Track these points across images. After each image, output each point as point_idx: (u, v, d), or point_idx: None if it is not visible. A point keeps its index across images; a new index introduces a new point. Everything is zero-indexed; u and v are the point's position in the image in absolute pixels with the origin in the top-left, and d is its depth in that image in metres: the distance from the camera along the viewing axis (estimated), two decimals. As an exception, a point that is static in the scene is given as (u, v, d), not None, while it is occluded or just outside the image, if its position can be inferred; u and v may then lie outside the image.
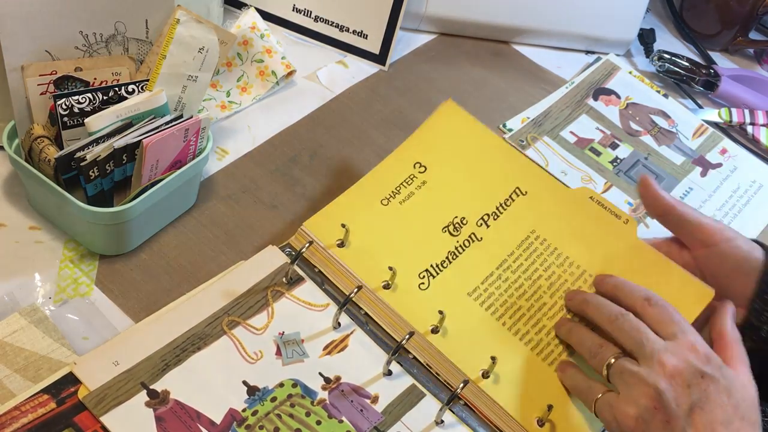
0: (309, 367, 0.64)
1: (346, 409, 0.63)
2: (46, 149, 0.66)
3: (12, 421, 0.55)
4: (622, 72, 1.01)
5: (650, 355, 0.59)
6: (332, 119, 0.88)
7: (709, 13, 1.12)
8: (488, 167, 0.76)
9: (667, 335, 0.61)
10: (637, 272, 0.69)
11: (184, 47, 0.71)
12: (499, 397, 0.64)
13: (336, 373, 0.65)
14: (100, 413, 0.57)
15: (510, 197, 0.74)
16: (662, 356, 0.58)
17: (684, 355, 0.59)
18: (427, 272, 0.70)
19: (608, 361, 0.61)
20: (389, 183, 0.74)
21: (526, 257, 0.72)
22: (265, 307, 0.67)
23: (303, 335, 0.66)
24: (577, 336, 0.66)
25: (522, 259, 0.72)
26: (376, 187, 0.74)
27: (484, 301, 0.69)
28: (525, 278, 0.71)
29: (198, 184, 0.75)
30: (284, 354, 0.65)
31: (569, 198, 0.75)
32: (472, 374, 0.65)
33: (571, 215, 0.74)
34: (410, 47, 0.99)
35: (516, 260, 0.71)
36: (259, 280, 0.68)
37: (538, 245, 0.72)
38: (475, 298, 0.69)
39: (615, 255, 0.72)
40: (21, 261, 0.68)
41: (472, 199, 0.74)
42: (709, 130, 0.97)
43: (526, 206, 0.74)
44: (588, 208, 0.74)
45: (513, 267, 0.71)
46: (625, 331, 0.61)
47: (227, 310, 0.66)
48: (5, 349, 0.60)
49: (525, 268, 0.71)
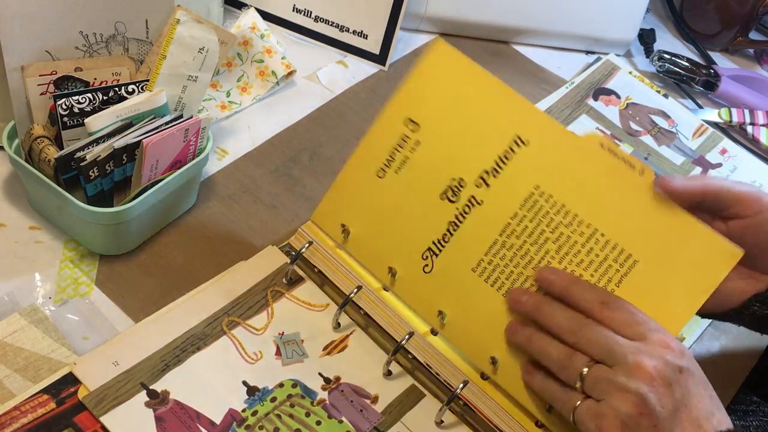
0: (309, 368, 0.64)
1: (346, 409, 0.63)
2: (46, 149, 0.66)
3: (12, 422, 0.55)
4: (622, 72, 1.01)
5: (624, 359, 0.55)
6: (332, 119, 0.88)
7: (709, 13, 1.12)
8: (484, 115, 0.67)
9: (635, 336, 0.57)
10: (655, 230, 0.63)
11: (184, 47, 0.71)
12: (498, 397, 0.64)
13: (336, 373, 0.65)
14: (100, 413, 0.57)
15: (510, 149, 0.66)
16: (638, 359, 0.55)
17: (659, 353, 0.56)
18: (429, 251, 0.67)
19: (581, 371, 0.57)
20: (382, 150, 0.69)
21: (530, 218, 0.65)
22: (264, 307, 0.67)
23: (303, 335, 0.66)
24: (539, 346, 0.60)
25: (527, 221, 0.65)
26: (370, 157, 0.69)
27: (489, 275, 0.65)
28: (531, 243, 0.65)
29: (198, 184, 0.75)
30: (284, 354, 0.65)
31: (577, 147, 0.66)
32: (472, 375, 0.65)
33: (579, 167, 0.65)
34: (410, 47, 0.99)
35: (520, 223, 0.65)
36: (258, 280, 0.68)
37: (543, 203, 0.65)
38: (480, 273, 0.66)
39: (630, 211, 0.64)
40: (21, 261, 0.68)
41: (469, 154, 0.67)
42: (709, 130, 0.97)
43: (529, 158, 0.66)
44: (598, 157, 0.65)
45: (517, 232, 0.65)
46: (591, 341, 0.57)
47: (227, 310, 0.66)
48: (5, 350, 0.60)
49: (530, 232, 0.65)
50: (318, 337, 0.67)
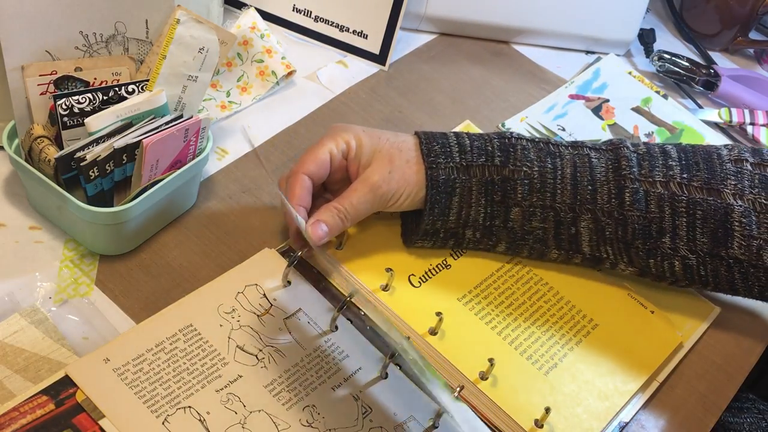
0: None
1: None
2: (46, 149, 0.66)
3: (11, 423, 0.55)
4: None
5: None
6: (332, 119, 0.88)
7: (709, 13, 1.12)
8: None
9: None
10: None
11: (184, 47, 0.70)
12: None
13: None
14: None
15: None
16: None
17: None
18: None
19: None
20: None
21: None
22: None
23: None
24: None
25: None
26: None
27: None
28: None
29: (198, 184, 0.75)
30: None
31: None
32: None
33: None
34: (410, 47, 0.99)
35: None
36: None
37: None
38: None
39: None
40: (21, 261, 0.68)
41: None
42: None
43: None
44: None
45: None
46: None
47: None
48: (5, 350, 0.60)
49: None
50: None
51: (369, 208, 0.68)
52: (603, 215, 0.69)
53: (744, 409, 0.85)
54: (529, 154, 0.69)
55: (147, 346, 0.61)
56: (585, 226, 0.69)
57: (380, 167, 0.67)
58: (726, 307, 0.78)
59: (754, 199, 0.68)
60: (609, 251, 0.70)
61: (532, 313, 0.71)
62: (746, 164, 0.70)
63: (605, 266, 0.72)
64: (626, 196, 0.68)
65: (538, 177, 0.69)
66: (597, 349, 0.70)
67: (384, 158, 0.68)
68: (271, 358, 0.64)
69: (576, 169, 0.69)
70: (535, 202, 0.69)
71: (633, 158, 0.69)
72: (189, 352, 0.62)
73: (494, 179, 0.69)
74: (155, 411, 0.58)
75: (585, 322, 0.72)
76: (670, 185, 0.69)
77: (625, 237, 0.69)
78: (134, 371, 0.60)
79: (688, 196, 0.68)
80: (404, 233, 0.73)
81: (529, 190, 0.69)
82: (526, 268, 0.74)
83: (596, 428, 0.65)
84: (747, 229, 0.68)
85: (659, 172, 0.69)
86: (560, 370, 0.68)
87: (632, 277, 0.73)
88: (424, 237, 0.70)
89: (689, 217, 0.68)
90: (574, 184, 0.69)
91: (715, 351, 0.75)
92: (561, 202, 0.69)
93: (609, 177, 0.69)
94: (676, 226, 0.68)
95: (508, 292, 0.72)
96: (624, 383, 0.68)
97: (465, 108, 0.94)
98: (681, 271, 0.70)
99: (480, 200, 0.69)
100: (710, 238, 0.68)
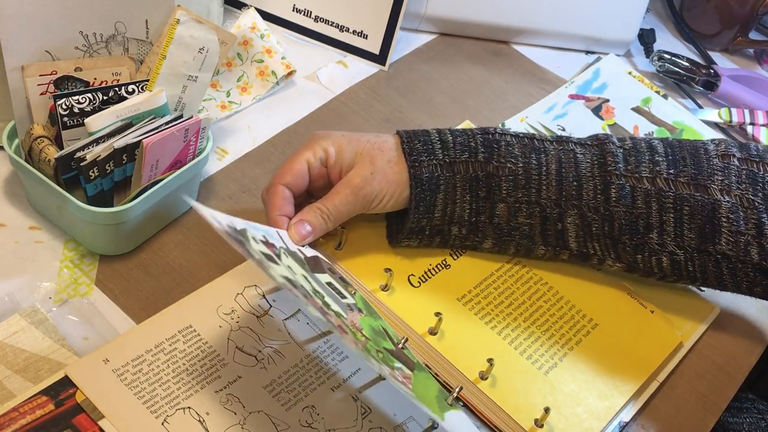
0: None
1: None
2: (46, 149, 0.66)
3: (11, 423, 0.55)
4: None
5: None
6: (332, 119, 0.88)
7: (709, 13, 1.12)
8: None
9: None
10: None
11: (184, 47, 0.70)
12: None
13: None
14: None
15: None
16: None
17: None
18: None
19: None
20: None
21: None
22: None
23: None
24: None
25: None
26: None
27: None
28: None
29: (198, 185, 0.75)
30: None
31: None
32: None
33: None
34: (410, 47, 0.99)
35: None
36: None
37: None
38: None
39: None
40: (21, 261, 0.68)
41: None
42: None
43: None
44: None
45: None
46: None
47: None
48: (5, 351, 0.60)
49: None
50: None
51: (351, 209, 0.68)
52: (589, 211, 0.69)
53: (744, 409, 0.85)
54: (514, 150, 0.69)
55: (146, 347, 0.61)
56: (571, 222, 0.69)
57: (362, 169, 0.67)
58: (726, 307, 0.78)
59: (742, 195, 0.68)
60: (596, 247, 0.70)
61: (532, 313, 0.71)
62: (733, 159, 0.70)
63: (593, 262, 0.72)
64: (612, 192, 0.68)
65: (522, 173, 0.69)
66: (597, 348, 0.70)
67: (365, 159, 0.68)
68: (270, 359, 0.64)
69: (561, 165, 0.69)
70: (520, 198, 0.69)
71: (619, 154, 0.69)
72: (188, 353, 0.62)
73: (479, 175, 0.69)
74: (155, 411, 0.58)
75: (585, 321, 0.72)
76: (656, 181, 0.69)
77: (612, 233, 0.69)
78: (134, 372, 0.60)
79: (675, 192, 0.68)
80: (389, 233, 0.73)
81: (514, 186, 0.69)
82: (526, 268, 0.74)
83: (596, 428, 0.65)
84: (734, 225, 0.68)
85: (646, 168, 0.69)
86: (560, 369, 0.68)
87: (621, 273, 0.73)
88: (410, 235, 0.70)
89: (676, 213, 0.68)
90: (560, 180, 0.69)
91: (715, 351, 0.75)
92: (546, 198, 0.69)
93: (594, 173, 0.69)
94: (663, 222, 0.68)
95: (507, 292, 0.72)
96: (624, 383, 0.68)
97: (465, 108, 0.94)
98: (669, 266, 0.70)
99: (465, 196, 0.69)
100: (698, 233, 0.68)
